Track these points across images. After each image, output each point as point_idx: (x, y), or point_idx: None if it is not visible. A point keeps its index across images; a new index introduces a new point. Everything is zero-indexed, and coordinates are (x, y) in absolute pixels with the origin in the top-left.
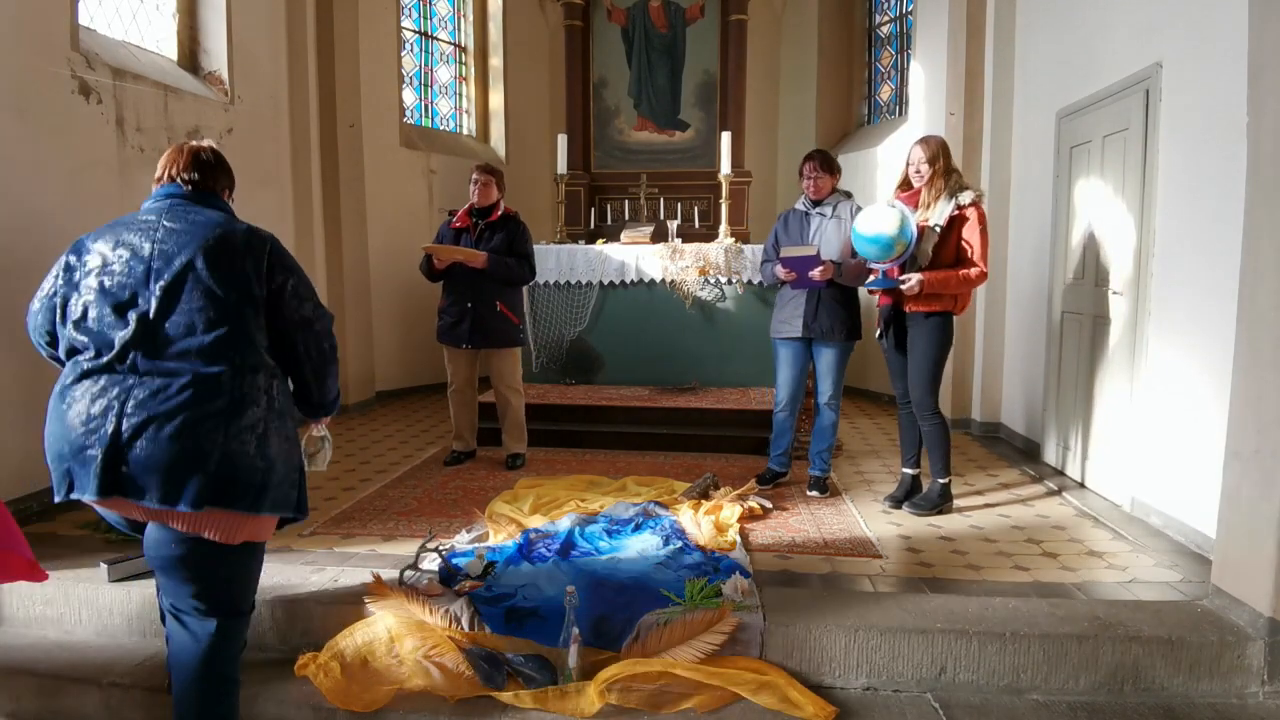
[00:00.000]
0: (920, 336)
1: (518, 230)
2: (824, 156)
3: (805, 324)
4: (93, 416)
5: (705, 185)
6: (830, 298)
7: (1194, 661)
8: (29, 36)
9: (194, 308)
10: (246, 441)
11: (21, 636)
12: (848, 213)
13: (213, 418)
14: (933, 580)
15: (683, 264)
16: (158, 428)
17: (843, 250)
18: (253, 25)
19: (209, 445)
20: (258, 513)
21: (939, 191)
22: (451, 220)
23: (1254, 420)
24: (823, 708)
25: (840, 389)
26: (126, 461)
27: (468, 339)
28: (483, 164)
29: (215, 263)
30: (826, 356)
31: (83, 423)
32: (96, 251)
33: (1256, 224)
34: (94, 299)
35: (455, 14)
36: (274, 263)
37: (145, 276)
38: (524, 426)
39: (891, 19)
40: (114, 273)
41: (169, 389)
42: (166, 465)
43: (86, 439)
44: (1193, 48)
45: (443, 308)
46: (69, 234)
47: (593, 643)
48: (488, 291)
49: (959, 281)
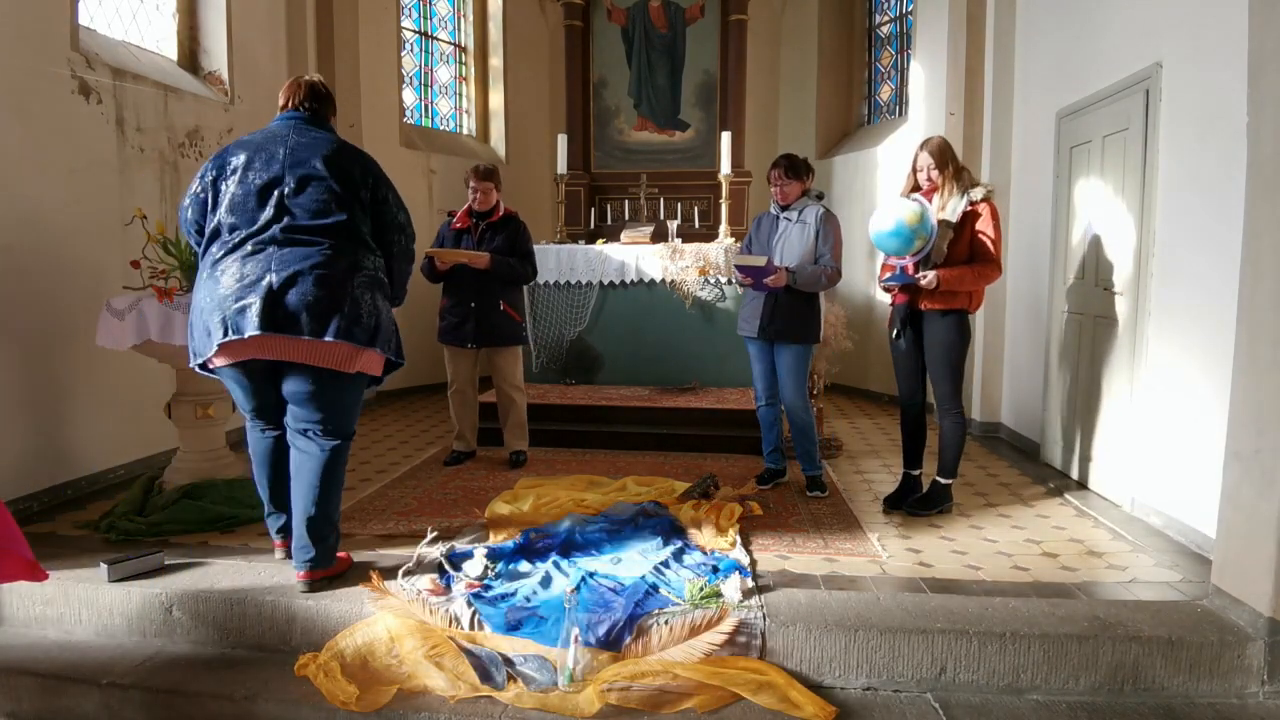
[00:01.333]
0: (939, 335)
1: (519, 230)
2: (790, 162)
3: (761, 326)
4: (246, 276)
5: (705, 185)
6: (786, 301)
7: (1194, 661)
8: (29, 36)
9: (319, 198)
10: (363, 294)
11: (21, 636)
12: (813, 217)
13: (341, 274)
14: (933, 580)
15: (683, 264)
16: (303, 280)
17: (804, 255)
18: (253, 25)
19: (341, 293)
20: (372, 347)
21: (950, 192)
22: (452, 221)
23: (1254, 420)
24: (823, 708)
25: (804, 390)
26: (283, 304)
27: (472, 339)
28: (477, 168)
29: (333, 167)
30: (784, 358)
31: (237, 282)
32: (240, 155)
33: (1256, 224)
34: (240, 190)
35: (455, 14)
36: (376, 177)
37: (281, 172)
38: (526, 424)
39: (891, 19)
40: (256, 169)
41: (306, 253)
42: (313, 306)
43: (244, 294)
44: (1193, 48)
45: (445, 308)
46: (69, 234)
47: (593, 643)
48: (491, 291)
49: (975, 277)
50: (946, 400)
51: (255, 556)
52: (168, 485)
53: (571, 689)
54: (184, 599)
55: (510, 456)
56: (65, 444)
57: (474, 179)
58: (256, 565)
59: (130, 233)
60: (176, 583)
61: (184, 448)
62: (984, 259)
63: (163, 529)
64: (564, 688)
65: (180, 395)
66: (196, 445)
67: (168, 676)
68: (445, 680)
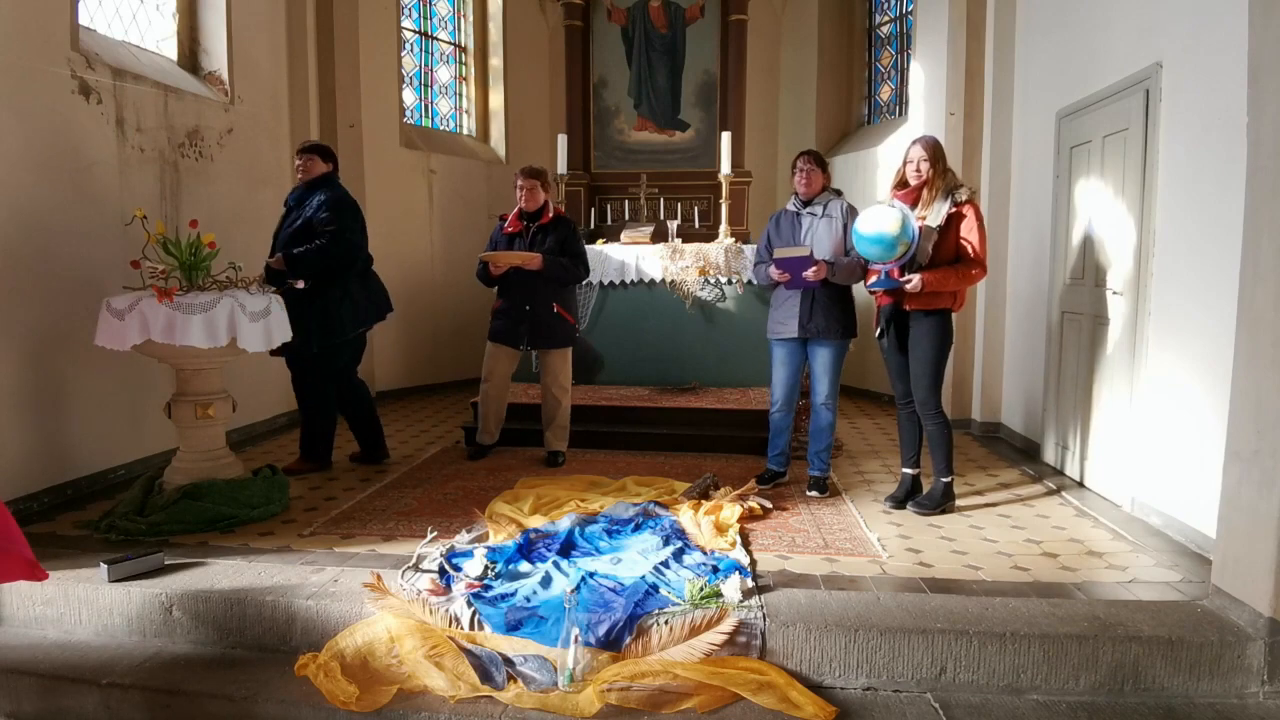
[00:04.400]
0: (922, 336)
1: (569, 231)
2: (816, 154)
3: (801, 324)
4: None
5: (705, 185)
6: (825, 297)
7: (1194, 661)
8: (29, 36)
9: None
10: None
11: (21, 636)
12: (838, 211)
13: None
14: (933, 580)
15: (683, 264)
16: None
17: (835, 249)
18: (253, 25)
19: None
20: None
21: (937, 190)
22: (503, 225)
23: (1254, 420)
24: (823, 708)
25: (837, 388)
26: None
27: (527, 340)
28: (525, 167)
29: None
30: (822, 356)
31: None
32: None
33: (1256, 224)
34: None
35: (455, 14)
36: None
37: None
38: (569, 427)
39: (891, 19)
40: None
41: None
42: None
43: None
44: (1193, 48)
45: (498, 309)
46: (69, 234)
47: (593, 643)
48: (544, 293)
49: (959, 279)
50: (926, 404)
51: (255, 556)
52: (168, 485)
53: (571, 689)
54: (184, 599)
55: (548, 455)
56: (65, 444)
57: (520, 177)
58: (256, 565)
59: (130, 233)
60: (176, 583)
61: (184, 448)
62: (966, 260)
63: (163, 529)
64: (564, 688)
65: (180, 395)
66: (196, 445)
67: (168, 676)
68: (445, 680)
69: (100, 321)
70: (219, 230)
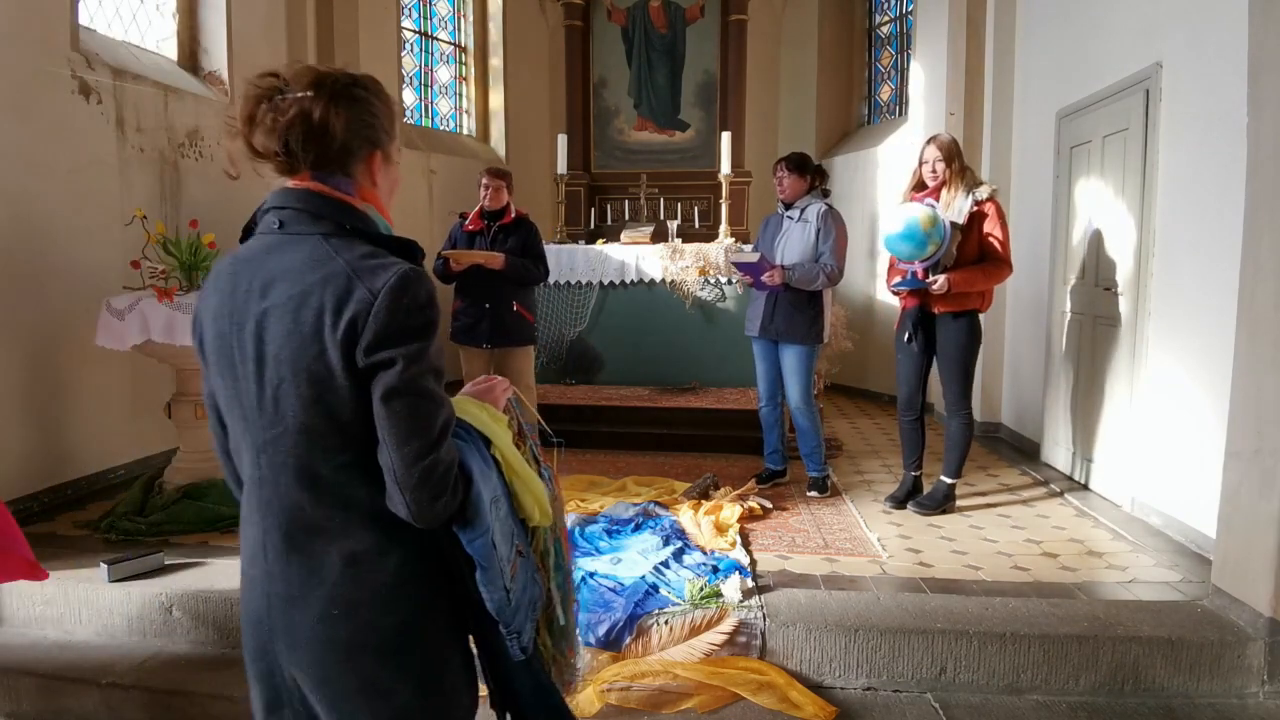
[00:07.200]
0: (952, 338)
1: (531, 232)
2: (798, 158)
3: (763, 324)
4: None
5: (705, 185)
6: (786, 300)
7: (1194, 662)
8: (29, 36)
9: None
10: None
11: (21, 636)
12: (814, 215)
13: None
14: (933, 580)
15: (683, 264)
16: None
17: (804, 253)
18: (253, 25)
19: None
20: None
21: (956, 190)
22: (464, 223)
23: (1254, 420)
24: (823, 708)
25: (809, 391)
26: None
27: (487, 339)
28: (492, 167)
29: None
30: (789, 359)
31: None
32: None
33: (1256, 224)
34: None
35: (455, 14)
36: None
37: None
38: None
39: (891, 19)
40: None
41: None
42: None
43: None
44: (1193, 48)
45: (459, 309)
46: (69, 234)
47: (593, 643)
48: (504, 292)
49: (987, 278)
50: (956, 402)
51: None
52: (168, 485)
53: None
54: (184, 599)
55: None
56: (65, 444)
57: (486, 176)
58: None
59: (130, 233)
60: (176, 583)
61: (184, 448)
62: (994, 259)
63: (163, 529)
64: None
65: (180, 395)
66: (196, 445)
67: (168, 676)
68: None
69: (100, 321)
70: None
